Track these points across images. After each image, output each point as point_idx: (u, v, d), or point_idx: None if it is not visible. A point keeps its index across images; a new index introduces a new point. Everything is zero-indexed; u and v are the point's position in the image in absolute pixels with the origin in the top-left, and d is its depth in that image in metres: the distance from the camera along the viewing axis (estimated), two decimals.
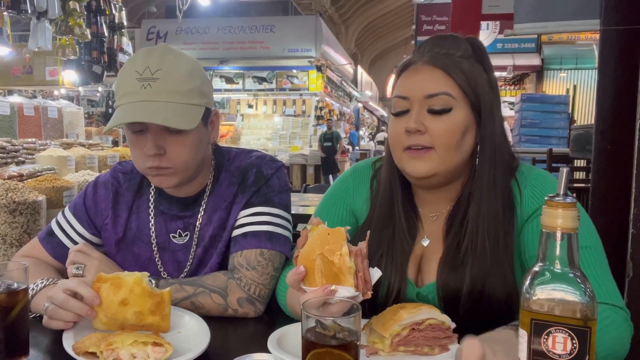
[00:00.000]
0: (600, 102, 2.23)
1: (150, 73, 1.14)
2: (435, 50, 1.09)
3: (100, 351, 0.90)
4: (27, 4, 3.93)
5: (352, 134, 16.39)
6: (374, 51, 29.14)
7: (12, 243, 1.95)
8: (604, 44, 2.22)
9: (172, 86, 1.14)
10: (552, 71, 10.99)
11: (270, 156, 1.37)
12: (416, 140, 1.05)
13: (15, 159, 2.99)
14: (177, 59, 1.18)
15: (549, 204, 0.66)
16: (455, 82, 1.05)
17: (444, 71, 1.06)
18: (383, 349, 0.94)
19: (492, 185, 1.06)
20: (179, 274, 1.31)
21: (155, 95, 1.13)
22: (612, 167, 2.17)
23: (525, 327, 0.67)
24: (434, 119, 1.05)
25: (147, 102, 1.13)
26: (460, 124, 1.05)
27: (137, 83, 1.14)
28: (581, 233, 1.00)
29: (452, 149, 1.05)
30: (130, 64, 1.18)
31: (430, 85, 1.06)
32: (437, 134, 1.04)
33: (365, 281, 0.90)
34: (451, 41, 1.10)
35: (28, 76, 7.80)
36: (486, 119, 1.08)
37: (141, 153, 1.18)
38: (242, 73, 13.73)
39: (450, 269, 1.08)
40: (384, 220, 1.15)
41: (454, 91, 1.05)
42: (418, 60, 1.10)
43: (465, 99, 1.06)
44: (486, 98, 1.08)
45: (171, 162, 1.18)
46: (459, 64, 1.07)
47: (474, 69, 1.08)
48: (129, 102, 1.14)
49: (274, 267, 1.23)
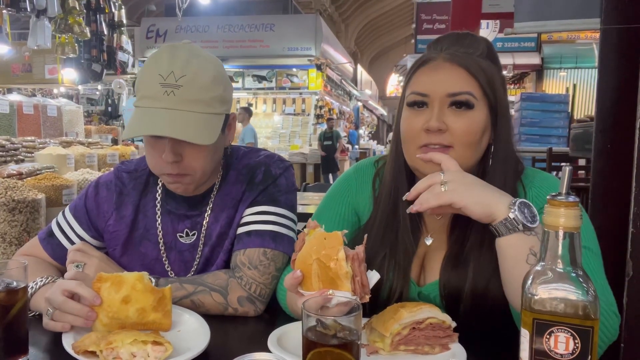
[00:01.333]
0: (600, 101, 2.22)
1: (174, 79, 1.12)
2: (455, 48, 1.08)
3: (100, 350, 0.90)
4: (26, 2, 3.92)
5: (352, 133, 16.38)
6: (373, 50, 29.11)
7: (12, 241, 1.95)
8: (604, 43, 2.21)
9: (195, 95, 1.12)
10: (552, 70, 11.00)
11: (278, 156, 1.36)
12: (437, 140, 1.04)
13: (14, 157, 2.98)
14: (201, 64, 1.16)
15: (551, 203, 0.66)
16: (478, 82, 1.05)
17: (467, 70, 1.05)
18: (383, 348, 0.94)
19: (503, 186, 1.04)
20: (185, 273, 1.30)
21: (178, 104, 1.11)
22: (612, 166, 2.17)
23: (528, 327, 0.67)
24: (456, 118, 1.03)
25: (169, 111, 1.11)
26: (481, 124, 1.05)
27: (161, 89, 1.11)
28: (582, 233, 1.00)
29: (471, 148, 1.05)
30: (154, 64, 1.15)
31: (453, 83, 1.04)
32: (459, 132, 1.03)
33: (362, 285, 0.89)
34: (470, 40, 1.09)
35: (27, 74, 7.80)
36: (502, 120, 1.07)
37: (158, 158, 1.17)
38: (242, 72, 13.71)
39: (453, 266, 1.08)
40: (387, 219, 1.15)
41: (476, 91, 1.04)
42: (438, 57, 1.08)
43: (485, 99, 1.05)
44: (502, 99, 1.07)
45: (189, 170, 1.17)
46: (479, 63, 1.06)
47: (491, 69, 1.07)
48: (150, 106, 1.12)
49: (276, 267, 1.22)
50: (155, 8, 15.18)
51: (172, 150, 1.14)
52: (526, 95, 6.79)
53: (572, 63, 10.72)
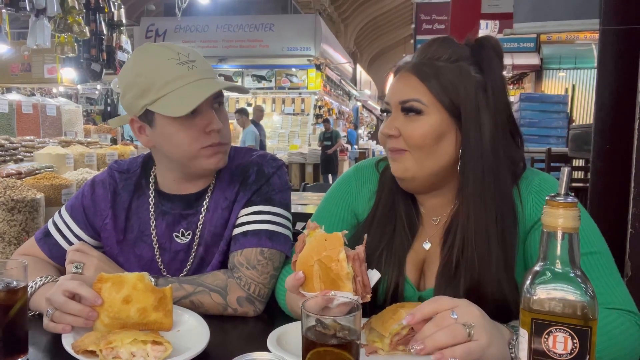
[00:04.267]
0: (599, 101, 2.23)
1: (186, 57, 1.18)
2: (422, 56, 1.10)
3: (99, 349, 0.90)
4: (25, 2, 3.92)
5: (351, 132, 16.39)
6: (373, 50, 29.12)
7: (11, 241, 1.95)
8: (603, 44, 2.22)
9: (206, 64, 1.22)
10: (551, 71, 11.00)
11: (271, 155, 1.37)
12: (392, 144, 1.10)
13: (13, 156, 2.99)
14: (189, 48, 1.25)
15: (549, 203, 0.66)
16: (427, 87, 1.06)
17: (419, 78, 1.07)
18: (382, 348, 0.94)
19: (480, 194, 1.03)
20: (179, 273, 1.30)
21: (205, 73, 1.18)
22: (611, 166, 2.17)
23: (526, 327, 0.67)
24: (406, 123, 1.08)
25: (204, 80, 1.18)
26: (433, 128, 1.05)
27: (181, 67, 1.17)
28: (588, 238, 1.00)
29: (427, 152, 1.06)
30: (155, 57, 1.18)
31: (403, 91, 1.09)
32: (409, 137, 1.07)
33: (364, 285, 0.90)
34: (437, 45, 1.09)
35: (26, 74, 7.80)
36: (468, 124, 1.05)
37: (194, 133, 1.19)
38: (241, 71, 13.72)
39: (446, 281, 1.07)
40: (386, 216, 1.16)
41: (425, 97, 1.06)
42: (404, 66, 1.12)
43: (437, 104, 1.06)
44: (469, 103, 1.05)
45: (225, 137, 1.24)
46: (438, 69, 1.06)
47: (457, 73, 1.06)
48: (185, 84, 1.16)
49: (274, 267, 1.22)
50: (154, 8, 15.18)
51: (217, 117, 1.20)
52: (525, 95, 6.79)
53: (571, 64, 10.72)
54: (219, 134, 1.21)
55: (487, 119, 1.04)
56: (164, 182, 1.32)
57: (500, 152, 1.05)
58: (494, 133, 1.05)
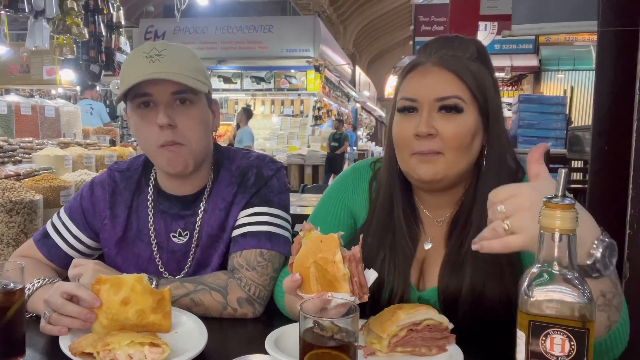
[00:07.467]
0: (597, 103, 2.23)
1: (157, 52, 1.17)
2: (443, 51, 1.07)
3: (96, 352, 0.89)
4: (24, 3, 3.92)
5: (350, 134, 16.39)
6: (372, 51, 29.13)
7: (9, 242, 1.94)
8: (602, 45, 2.22)
9: (179, 62, 1.18)
10: (550, 72, 11.01)
11: (270, 157, 1.37)
12: (428, 146, 1.03)
13: (12, 158, 2.98)
14: (180, 46, 1.24)
15: (547, 205, 0.66)
16: (466, 85, 1.04)
17: (455, 74, 1.04)
18: (381, 349, 0.94)
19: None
20: (178, 274, 1.30)
21: (165, 67, 1.15)
22: (609, 168, 2.17)
23: (523, 329, 0.67)
24: (444, 122, 1.03)
25: (157, 73, 1.15)
26: (471, 127, 1.04)
27: (145, 60, 1.16)
28: None
29: (462, 152, 1.04)
30: (134, 52, 1.21)
31: (441, 88, 1.04)
32: (448, 137, 1.02)
33: (360, 285, 0.90)
34: (459, 42, 1.08)
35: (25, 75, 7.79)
36: (493, 122, 1.07)
37: (152, 129, 1.18)
38: (240, 73, 13.71)
39: (451, 271, 1.07)
40: (383, 223, 1.14)
41: (465, 95, 1.04)
42: (426, 61, 1.07)
43: (474, 102, 1.05)
44: (493, 101, 1.06)
45: (184, 138, 1.19)
46: (468, 66, 1.05)
47: (480, 71, 1.06)
48: (138, 74, 1.15)
49: (273, 268, 1.22)
50: (153, 9, 15.18)
51: (165, 112, 1.16)
52: (524, 97, 6.79)
53: (570, 65, 10.73)
54: (172, 131, 1.17)
55: (502, 117, 1.08)
56: (162, 181, 1.32)
57: (511, 151, 1.10)
58: (506, 132, 1.09)
